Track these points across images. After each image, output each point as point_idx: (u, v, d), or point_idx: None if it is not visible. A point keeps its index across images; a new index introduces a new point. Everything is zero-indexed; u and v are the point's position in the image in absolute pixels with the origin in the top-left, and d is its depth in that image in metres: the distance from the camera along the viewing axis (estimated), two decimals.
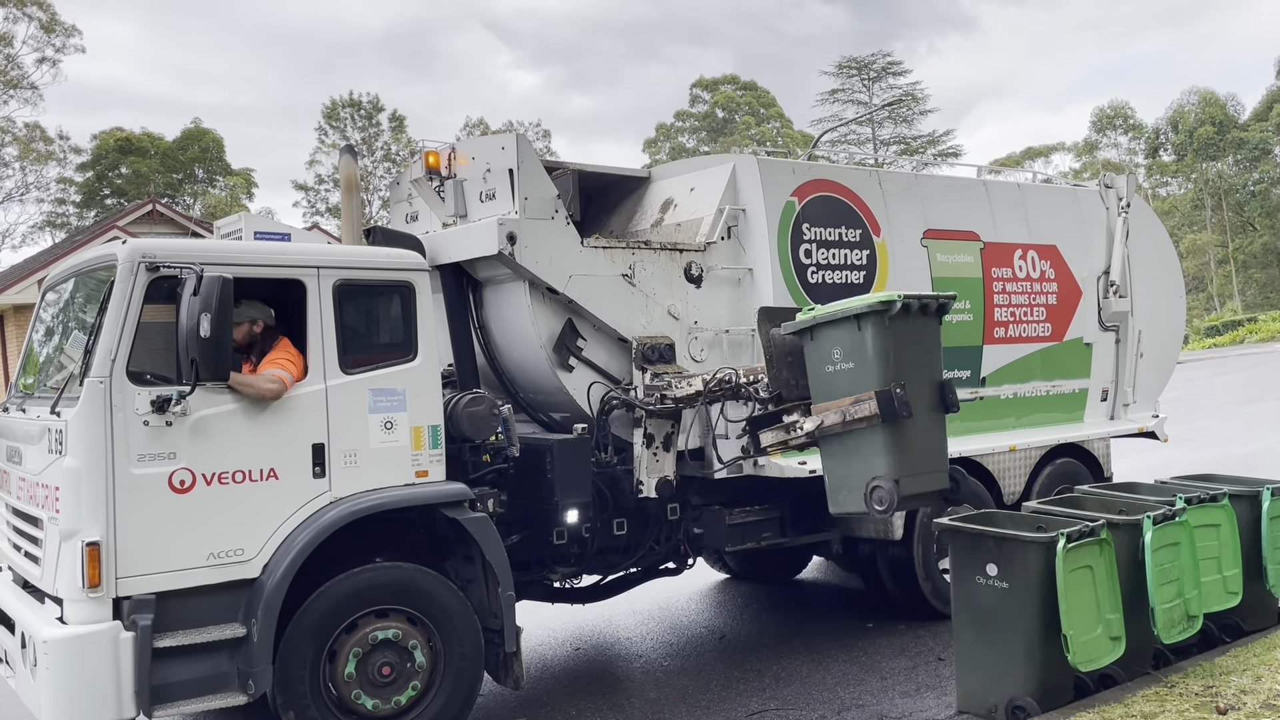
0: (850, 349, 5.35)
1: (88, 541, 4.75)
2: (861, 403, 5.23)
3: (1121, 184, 9.38)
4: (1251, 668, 5.86)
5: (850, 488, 5.42)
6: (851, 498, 5.41)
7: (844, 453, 5.44)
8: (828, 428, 5.42)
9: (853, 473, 5.40)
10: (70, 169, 45.83)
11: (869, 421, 5.23)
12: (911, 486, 5.29)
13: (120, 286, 4.97)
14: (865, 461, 5.32)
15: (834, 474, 5.55)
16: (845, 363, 5.38)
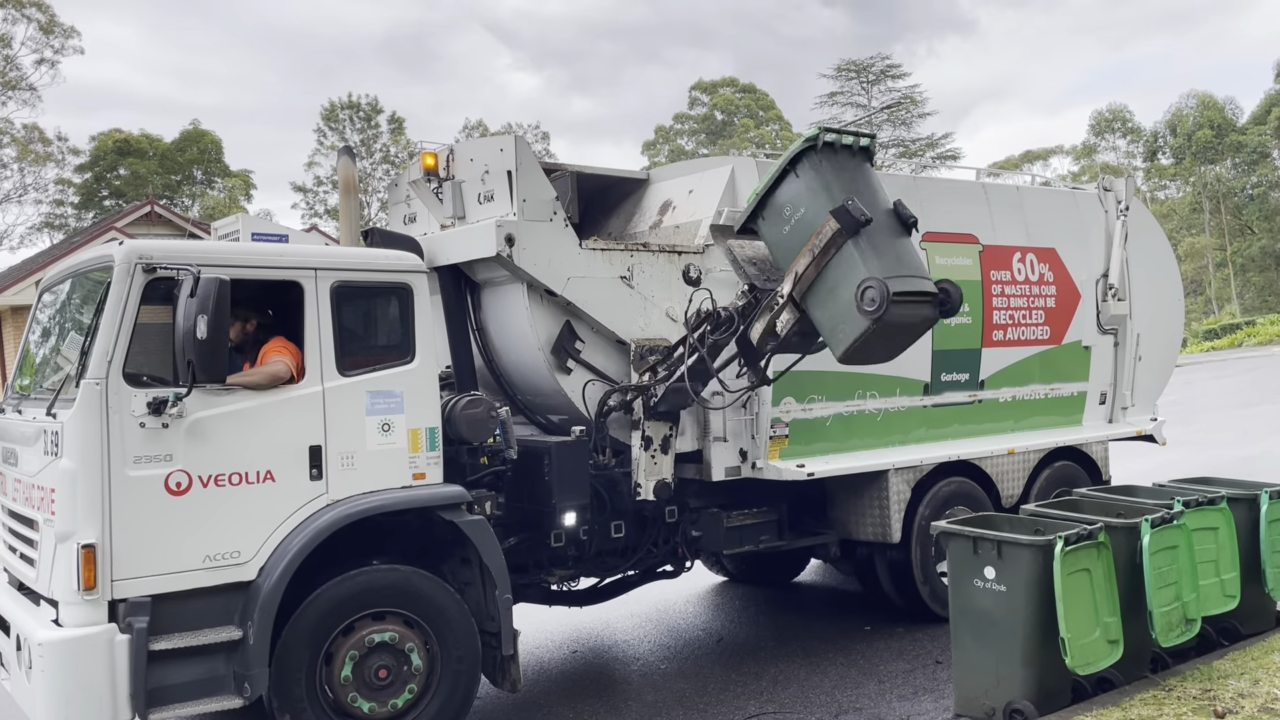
0: (796, 197, 5.55)
1: (83, 544, 4.73)
2: (822, 231, 5.34)
3: (1120, 187, 9.38)
4: (1249, 671, 5.85)
5: (844, 316, 5.41)
6: (848, 324, 5.39)
7: (828, 291, 5.47)
8: (803, 275, 5.48)
9: (840, 300, 5.41)
10: (68, 170, 45.84)
11: (836, 244, 5.30)
12: (899, 285, 5.31)
13: (117, 288, 4.96)
14: (849, 283, 5.35)
15: (827, 318, 5.54)
16: (797, 211, 5.56)
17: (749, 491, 7.29)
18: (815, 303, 5.57)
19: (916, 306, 5.52)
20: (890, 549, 7.73)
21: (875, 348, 5.60)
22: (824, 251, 5.37)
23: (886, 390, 7.69)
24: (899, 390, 7.76)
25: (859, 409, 7.55)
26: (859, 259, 5.33)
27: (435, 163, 6.96)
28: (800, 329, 5.80)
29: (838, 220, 5.29)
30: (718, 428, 7.01)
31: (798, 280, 5.52)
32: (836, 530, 7.83)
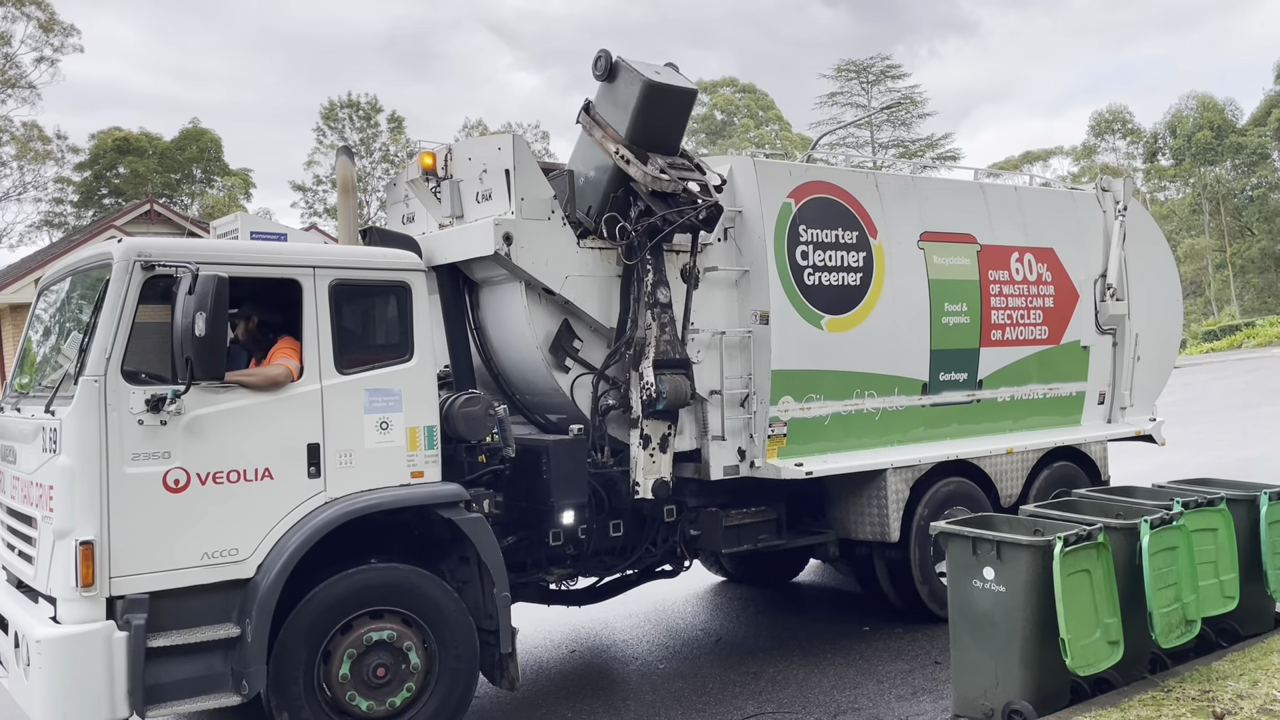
0: (578, 170, 7.00)
1: (81, 541, 4.73)
2: (594, 123, 6.83)
3: (1118, 187, 9.38)
4: (1248, 673, 5.85)
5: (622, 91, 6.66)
6: (629, 87, 6.62)
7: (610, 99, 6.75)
8: (613, 130, 6.69)
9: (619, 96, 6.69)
10: (68, 168, 45.81)
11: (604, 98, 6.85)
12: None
13: (115, 285, 4.96)
14: (624, 78, 6.69)
15: (613, 111, 6.71)
16: (582, 176, 6.98)
17: (747, 490, 7.28)
18: (625, 124, 6.65)
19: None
20: (889, 549, 7.73)
21: (657, 72, 6.73)
22: (594, 119, 6.78)
23: (885, 389, 7.69)
24: (897, 389, 7.76)
25: (857, 408, 7.55)
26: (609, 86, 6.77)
27: (433, 162, 6.96)
28: (669, 164, 6.70)
29: (581, 111, 6.85)
30: (716, 426, 7.01)
31: (613, 139, 6.63)
32: (835, 530, 7.82)
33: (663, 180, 6.54)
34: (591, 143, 6.81)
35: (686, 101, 6.85)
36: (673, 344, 6.59)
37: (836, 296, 7.43)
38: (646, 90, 6.53)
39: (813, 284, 7.30)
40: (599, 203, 6.79)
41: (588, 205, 6.87)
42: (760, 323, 7.10)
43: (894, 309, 7.71)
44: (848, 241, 7.52)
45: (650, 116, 6.61)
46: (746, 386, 7.12)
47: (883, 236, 7.71)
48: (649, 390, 6.46)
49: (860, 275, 7.57)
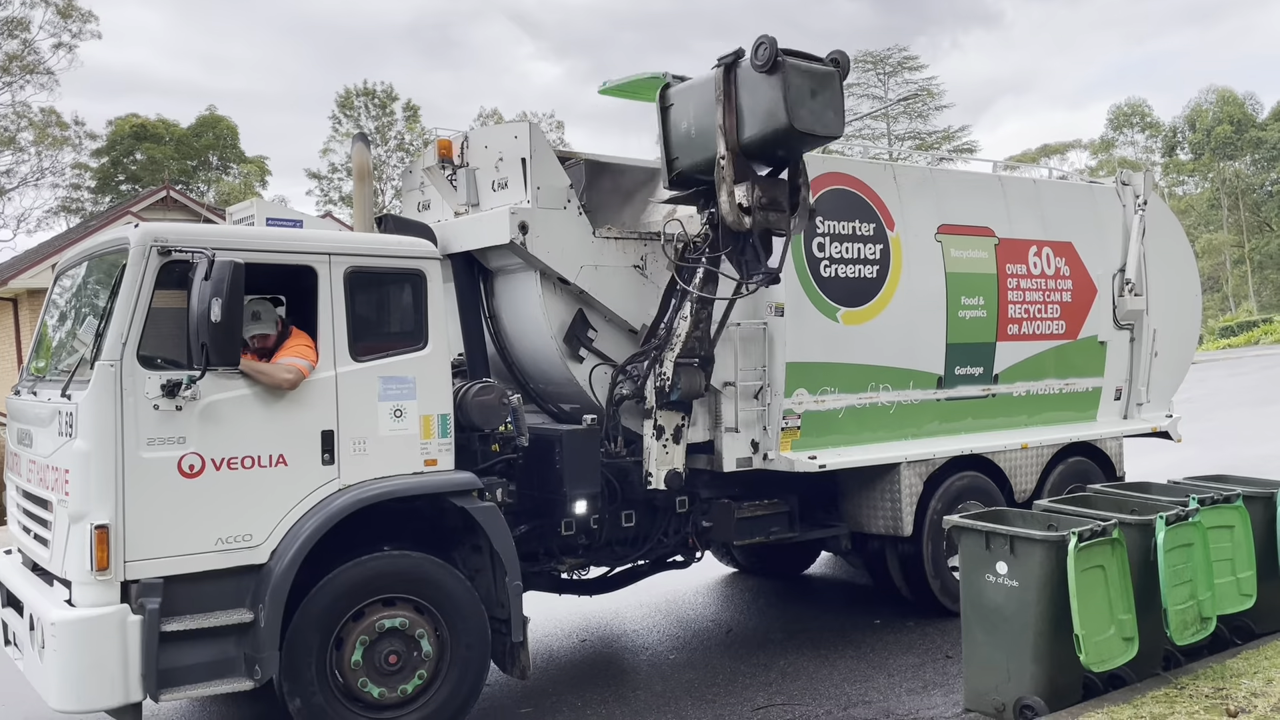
0: (679, 115, 6.41)
1: (96, 524, 4.76)
2: (717, 80, 6.09)
3: (1138, 181, 9.30)
4: (1263, 671, 5.81)
5: (762, 96, 5.98)
6: (768, 96, 5.96)
7: (748, 112, 6.08)
8: (727, 124, 6.08)
9: (757, 96, 6.02)
10: (85, 155, 46.02)
11: (731, 77, 6.04)
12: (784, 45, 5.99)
13: (132, 270, 4.97)
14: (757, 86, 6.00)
15: (756, 119, 6.07)
16: (687, 118, 6.36)
17: (760, 483, 7.27)
18: (746, 130, 6.09)
19: (809, 61, 6.06)
20: (901, 542, 7.71)
21: (808, 101, 5.99)
22: (727, 91, 6.05)
23: (900, 383, 7.65)
24: (912, 383, 7.72)
25: (872, 401, 7.52)
26: (759, 77, 5.97)
27: (450, 149, 6.95)
28: (764, 193, 6.20)
29: (720, 63, 6.07)
30: (730, 418, 6.99)
31: (726, 133, 6.08)
32: (847, 523, 7.80)
33: (743, 223, 6.18)
34: (713, 104, 6.17)
35: (821, 142, 6.35)
36: (702, 340, 6.52)
37: (852, 289, 7.39)
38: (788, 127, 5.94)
39: (829, 276, 7.27)
40: (690, 168, 6.44)
41: (677, 157, 6.46)
42: (775, 314, 7.07)
43: (910, 302, 7.67)
44: (865, 233, 7.48)
45: (777, 146, 6.19)
46: (761, 378, 7.09)
47: (900, 229, 7.66)
48: (663, 381, 6.44)
49: (877, 268, 7.52)
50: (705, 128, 6.25)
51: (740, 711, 6.09)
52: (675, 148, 6.47)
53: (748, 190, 6.12)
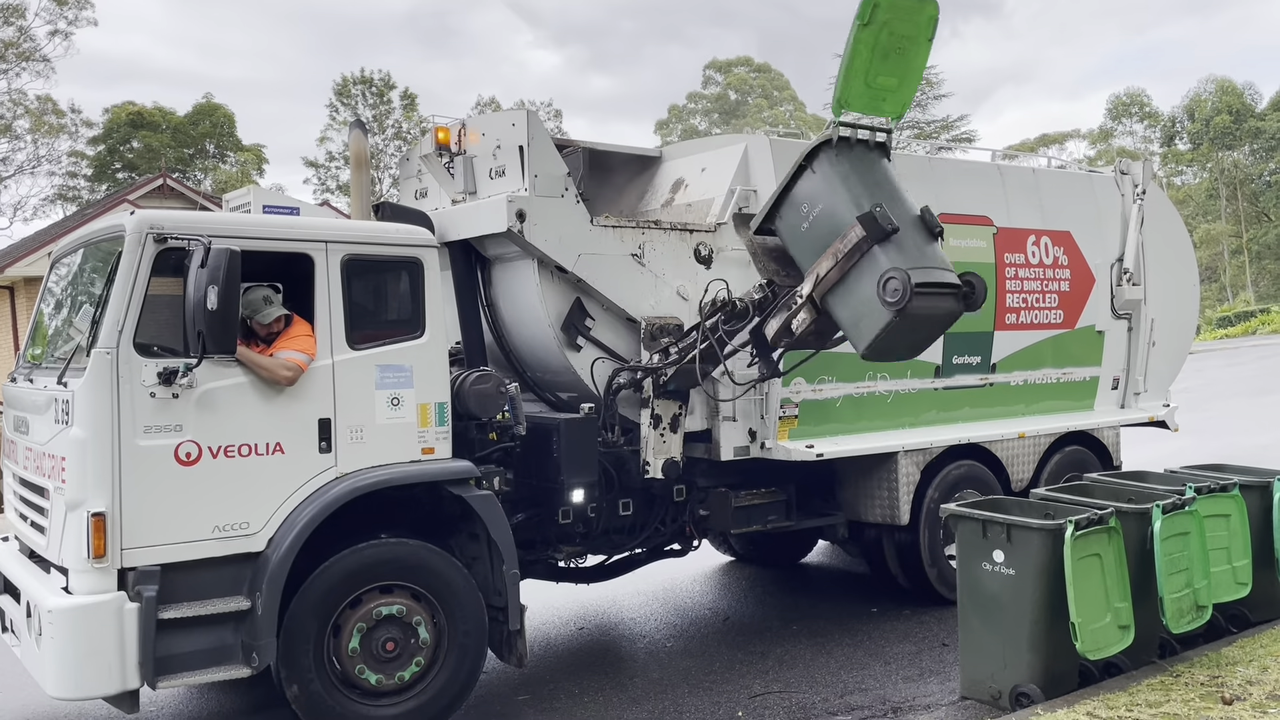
0: (814, 193, 5.42)
1: (93, 512, 4.75)
2: (847, 236, 5.21)
3: (1137, 170, 9.29)
4: (1258, 659, 5.83)
5: (866, 310, 5.27)
6: (870, 318, 5.27)
7: (850, 291, 5.33)
8: (825, 277, 5.36)
9: (862, 296, 5.27)
10: (81, 142, 45.87)
11: (861, 250, 5.16)
12: (922, 276, 5.17)
13: (128, 257, 4.96)
14: (870, 275, 5.23)
15: (849, 315, 5.41)
16: (814, 209, 5.42)
17: (758, 471, 7.27)
18: (836, 302, 5.45)
19: (940, 299, 5.39)
20: (898, 531, 7.72)
21: (898, 342, 5.48)
22: (848, 256, 5.24)
23: (897, 372, 7.65)
24: (910, 372, 7.72)
25: (869, 390, 7.52)
26: (883, 255, 5.19)
27: (447, 137, 6.93)
28: (817, 328, 5.74)
29: (864, 227, 5.15)
30: (727, 407, 6.98)
31: (819, 282, 5.40)
32: (845, 511, 7.81)
33: (779, 342, 5.89)
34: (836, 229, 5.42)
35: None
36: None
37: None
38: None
39: None
40: (778, 247, 5.93)
41: (778, 228, 5.80)
42: None
43: None
44: None
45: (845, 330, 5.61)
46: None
47: None
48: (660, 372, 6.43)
49: None
50: (817, 239, 5.47)
51: (737, 699, 6.10)
52: (783, 216, 5.67)
53: (805, 319, 5.66)
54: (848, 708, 5.89)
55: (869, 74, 5.34)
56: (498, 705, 6.14)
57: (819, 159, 5.46)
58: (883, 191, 5.35)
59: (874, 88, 5.42)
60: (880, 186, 5.36)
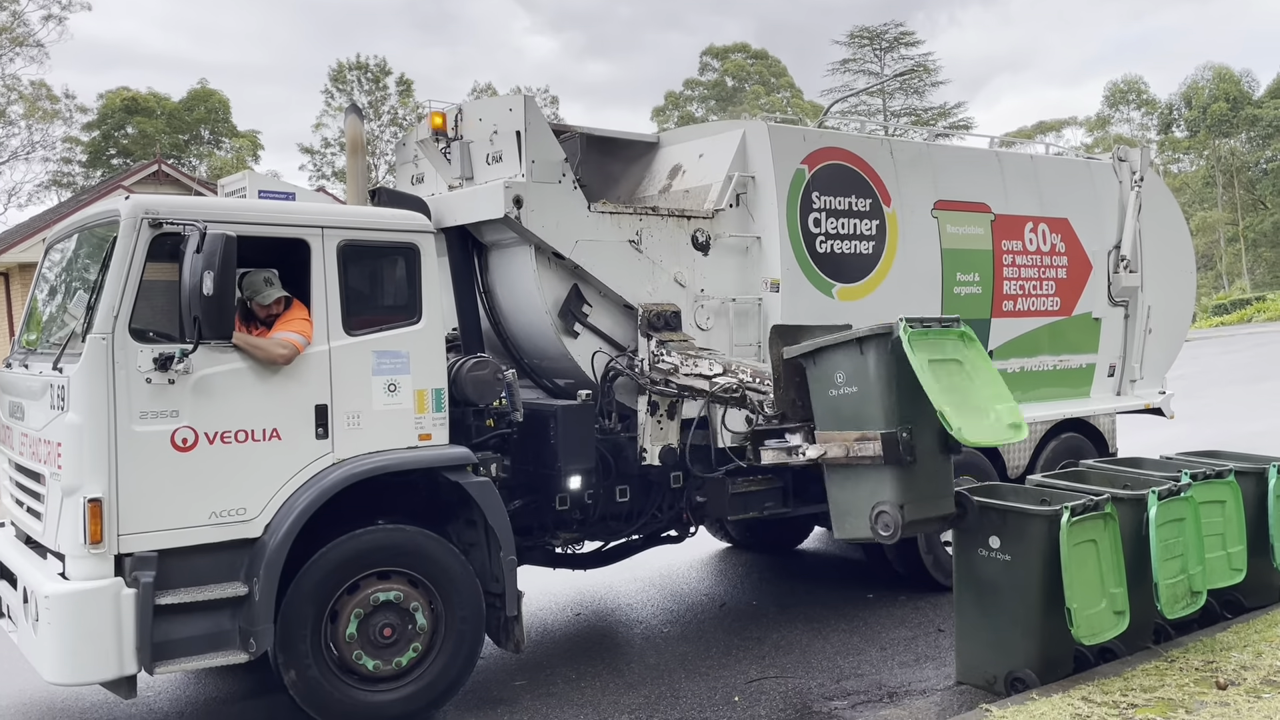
0: (853, 373, 5.27)
1: (90, 498, 4.74)
2: (866, 442, 5.16)
3: (1135, 157, 9.28)
4: (1253, 644, 5.86)
5: (855, 514, 5.37)
6: (857, 524, 5.38)
7: (848, 480, 5.39)
8: (831, 459, 5.38)
9: (858, 499, 5.34)
10: (76, 128, 45.68)
11: (873, 461, 5.18)
12: (916, 512, 5.24)
13: (123, 242, 4.94)
14: (870, 489, 5.26)
15: (839, 500, 5.49)
16: (849, 387, 5.30)
17: None
18: (834, 477, 5.47)
19: (929, 523, 5.55)
20: None
21: (864, 525, 5.43)
22: (859, 458, 5.22)
23: None
24: None
25: None
26: (888, 477, 5.19)
27: (444, 122, 6.90)
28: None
29: (884, 448, 5.10)
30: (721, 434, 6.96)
31: (824, 457, 5.41)
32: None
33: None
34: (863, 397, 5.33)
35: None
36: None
37: (848, 265, 7.38)
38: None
39: (825, 252, 7.24)
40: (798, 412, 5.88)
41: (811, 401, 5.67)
42: (771, 290, 7.06)
43: (906, 278, 7.66)
44: (861, 209, 7.46)
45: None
46: (756, 354, 7.08)
47: (896, 204, 7.64)
48: (657, 359, 6.42)
49: (873, 244, 7.51)
50: (838, 413, 5.35)
51: (734, 683, 6.12)
52: (819, 364, 5.48)
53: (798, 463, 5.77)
54: (843, 693, 5.91)
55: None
56: (495, 690, 6.16)
57: (874, 345, 5.19)
58: (919, 407, 5.19)
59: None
60: (919, 402, 5.13)
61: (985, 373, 5.24)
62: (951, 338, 5.21)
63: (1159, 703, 5.02)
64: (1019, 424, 5.14)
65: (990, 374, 5.25)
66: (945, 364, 5.12)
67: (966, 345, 5.24)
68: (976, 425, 5.04)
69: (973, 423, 5.02)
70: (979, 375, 5.20)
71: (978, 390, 5.17)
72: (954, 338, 5.22)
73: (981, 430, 5.06)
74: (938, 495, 5.41)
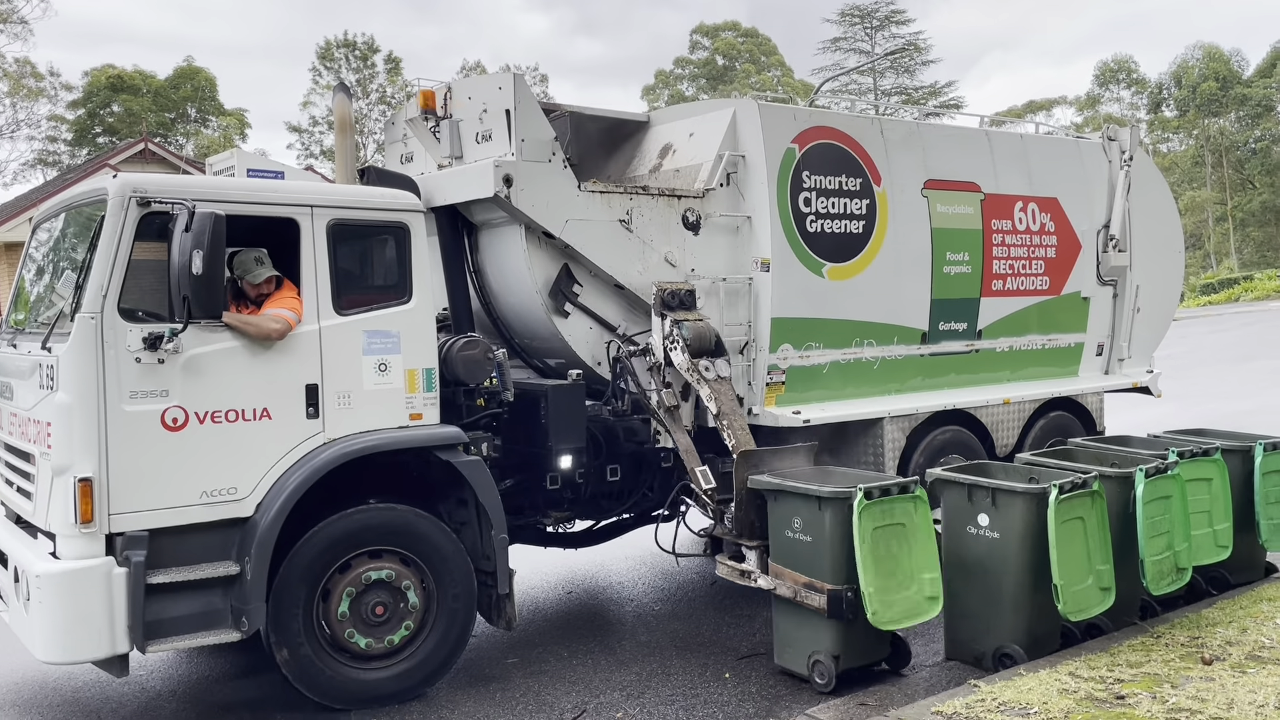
0: (809, 523, 5.54)
1: (80, 477, 4.74)
2: (813, 591, 5.47)
3: (1125, 136, 9.29)
4: (1238, 620, 5.92)
5: (795, 649, 5.70)
6: (795, 659, 5.71)
7: (793, 617, 5.69)
8: (780, 595, 5.69)
9: (799, 639, 5.66)
10: (61, 106, 45.27)
11: (817, 609, 5.45)
12: (851, 662, 5.55)
13: (111, 221, 4.91)
14: (811, 634, 5.57)
15: (782, 630, 5.80)
16: (804, 535, 5.58)
17: None
18: (780, 611, 5.78)
19: (864, 670, 5.70)
20: None
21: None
22: (805, 603, 5.52)
23: (884, 339, 7.68)
24: (897, 339, 7.75)
25: (856, 357, 7.55)
26: (830, 631, 5.48)
27: (432, 101, 6.87)
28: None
29: (829, 602, 5.39)
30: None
31: (775, 590, 5.73)
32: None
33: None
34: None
35: None
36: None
37: (838, 244, 7.38)
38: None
39: (815, 231, 7.25)
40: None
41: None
42: (761, 270, 7.06)
43: (896, 258, 7.67)
44: (851, 189, 7.45)
45: None
46: (746, 334, 7.10)
47: (886, 184, 7.64)
48: (672, 339, 6.42)
49: (863, 223, 7.51)
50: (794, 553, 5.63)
51: (724, 660, 6.17)
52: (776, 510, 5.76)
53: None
54: None
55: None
56: (487, 668, 6.19)
57: (830, 506, 5.42)
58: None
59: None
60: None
61: (923, 538, 5.52)
62: (903, 502, 5.48)
63: (1145, 678, 5.08)
64: (936, 596, 5.48)
65: (927, 538, 5.54)
66: (889, 528, 5.41)
67: (916, 509, 5.52)
68: (894, 603, 5.36)
69: (892, 599, 5.36)
70: (917, 540, 5.50)
71: (912, 556, 5.47)
72: (905, 502, 5.49)
73: (895, 609, 5.37)
74: (876, 644, 5.65)
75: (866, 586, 5.25)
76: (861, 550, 5.26)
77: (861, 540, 5.26)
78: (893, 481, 5.57)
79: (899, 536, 5.44)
